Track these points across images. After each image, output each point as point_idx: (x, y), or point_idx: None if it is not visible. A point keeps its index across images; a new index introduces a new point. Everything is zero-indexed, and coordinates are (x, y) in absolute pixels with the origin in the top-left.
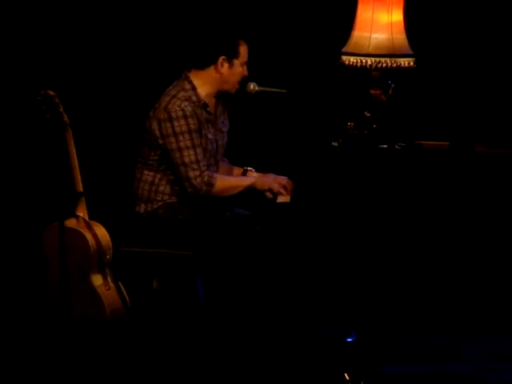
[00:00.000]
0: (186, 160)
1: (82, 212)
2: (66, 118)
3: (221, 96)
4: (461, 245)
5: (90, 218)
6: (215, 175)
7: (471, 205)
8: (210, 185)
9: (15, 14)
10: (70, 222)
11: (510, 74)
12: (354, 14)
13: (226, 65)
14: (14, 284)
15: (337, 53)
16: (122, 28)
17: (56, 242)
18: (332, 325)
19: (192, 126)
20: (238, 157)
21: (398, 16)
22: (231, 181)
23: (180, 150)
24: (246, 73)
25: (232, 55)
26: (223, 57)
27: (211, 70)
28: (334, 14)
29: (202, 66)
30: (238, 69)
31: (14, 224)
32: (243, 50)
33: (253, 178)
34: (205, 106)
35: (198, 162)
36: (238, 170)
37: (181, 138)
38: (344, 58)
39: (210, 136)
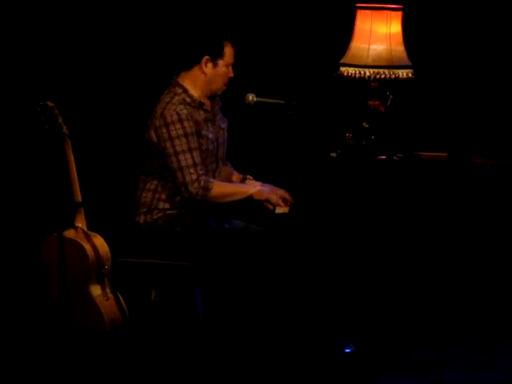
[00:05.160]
0: (183, 164)
1: (81, 223)
2: (64, 129)
3: (213, 96)
4: (458, 255)
5: (89, 228)
6: (212, 180)
7: (469, 215)
8: (207, 189)
9: (14, 24)
10: (69, 233)
11: (507, 85)
12: (352, 26)
13: (209, 64)
14: (14, 295)
15: (335, 64)
16: (122, 38)
17: (55, 252)
18: (330, 336)
19: (188, 130)
20: (237, 167)
21: (396, 27)
22: (228, 188)
23: (176, 154)
24: (231, 74)
25: (216, 55)
26: (207, 57)
27: (196, 70)
28: (333, 25)
29: (187, 66)
30: (223, 69)
31: (13, 235)
32: (228, 51)
33: (251, 187)
34: (201, 104)
35: (194, 165)
36: (237, 177)
37: (177, 142)
38: (342, 69)
39: (210, 136)
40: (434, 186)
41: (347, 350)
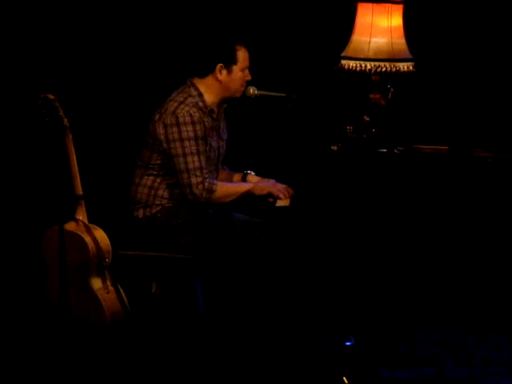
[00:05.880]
0: (190, 166)
1: (82, 215)
2: (65, 122)
3: (223, 103)
4: (459, 248)
5: (90, 221)
6: (216, 182)
7: (469, 209)
8: (211, 191)
9: (16, 18)
10: (70, 226)
11: (509, 78)
12: (353, 19)
13: (224, 72)
14: (14, 288)
15: (336, 57)
16: (121, 31)
17: (55, 245)
18: (331, 329)
19: (198, 133)
20: (238, 161)
21: (397, 21)
22: (230, 187)
23: (185, 155)
24: (248, 77)
25: (230, 61)
26: (221, 64)
27: (211, 78)
28: (334, 18)
29: (201, 74)
30: (238, 74)
31: (14, 227)
32: (242, 55)
33: (251, 183)
34: (211, 112)
35: (201, 168)
36: (238, 176)
37: (186, 143)
38: (343, 62)
39: (213, 144)
40: (434, 179)
41: (347, 344)
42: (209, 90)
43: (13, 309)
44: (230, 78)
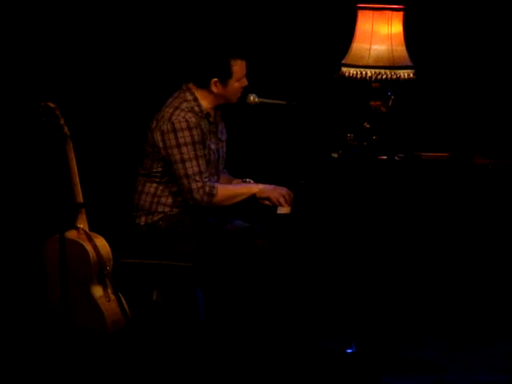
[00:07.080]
0: (189, 171)
1: (83, 223)
2: (66, 130)
3: (219, 106)
4: (460, 255)
5: (91, 229)
6: (216, 185)
7: (470, 216)
8: (212, 195)
9: (16, 26)
10: (71, 234)
11: (509, 84)
12: (353, 26)
13: (219, 85)
14: (15, 296)
15: (337, 64)
16: (122, 39)
17: (56, 253)
18: (332, 336)
19: (196, 138)
20: (238, 168)
21: (397, 28)
22: (231, 190)
23: (183, 161)
24: (244, 84)
25: (225, 76)
26: (215, 79)
27: (205, 91)
28: (334, 26)
29: (197, 85)
30: (234, 85)
31: (15, 235)
32: (237, 67)
33: (254, 186)
34: (207, 115)
35: (200, 173)
36: (236, 182)
37: (184, 149)
38: (344, 69)
39: (212, 146)
40: (435, 186)
41: (349, 351)
42: (204, 97)
43: (14, 317)
44: (226, 90)
